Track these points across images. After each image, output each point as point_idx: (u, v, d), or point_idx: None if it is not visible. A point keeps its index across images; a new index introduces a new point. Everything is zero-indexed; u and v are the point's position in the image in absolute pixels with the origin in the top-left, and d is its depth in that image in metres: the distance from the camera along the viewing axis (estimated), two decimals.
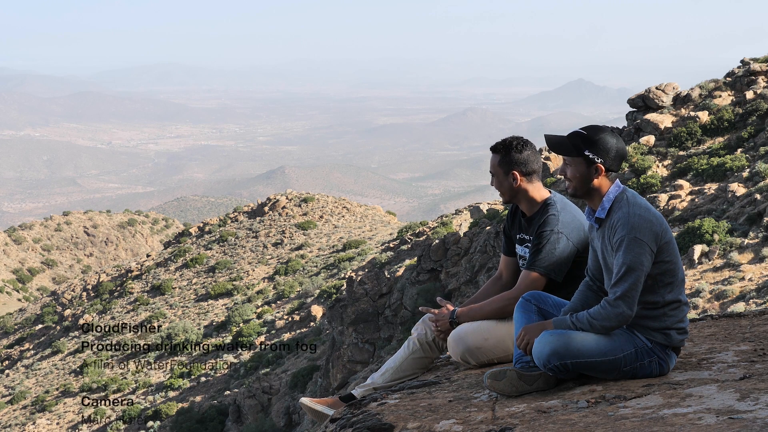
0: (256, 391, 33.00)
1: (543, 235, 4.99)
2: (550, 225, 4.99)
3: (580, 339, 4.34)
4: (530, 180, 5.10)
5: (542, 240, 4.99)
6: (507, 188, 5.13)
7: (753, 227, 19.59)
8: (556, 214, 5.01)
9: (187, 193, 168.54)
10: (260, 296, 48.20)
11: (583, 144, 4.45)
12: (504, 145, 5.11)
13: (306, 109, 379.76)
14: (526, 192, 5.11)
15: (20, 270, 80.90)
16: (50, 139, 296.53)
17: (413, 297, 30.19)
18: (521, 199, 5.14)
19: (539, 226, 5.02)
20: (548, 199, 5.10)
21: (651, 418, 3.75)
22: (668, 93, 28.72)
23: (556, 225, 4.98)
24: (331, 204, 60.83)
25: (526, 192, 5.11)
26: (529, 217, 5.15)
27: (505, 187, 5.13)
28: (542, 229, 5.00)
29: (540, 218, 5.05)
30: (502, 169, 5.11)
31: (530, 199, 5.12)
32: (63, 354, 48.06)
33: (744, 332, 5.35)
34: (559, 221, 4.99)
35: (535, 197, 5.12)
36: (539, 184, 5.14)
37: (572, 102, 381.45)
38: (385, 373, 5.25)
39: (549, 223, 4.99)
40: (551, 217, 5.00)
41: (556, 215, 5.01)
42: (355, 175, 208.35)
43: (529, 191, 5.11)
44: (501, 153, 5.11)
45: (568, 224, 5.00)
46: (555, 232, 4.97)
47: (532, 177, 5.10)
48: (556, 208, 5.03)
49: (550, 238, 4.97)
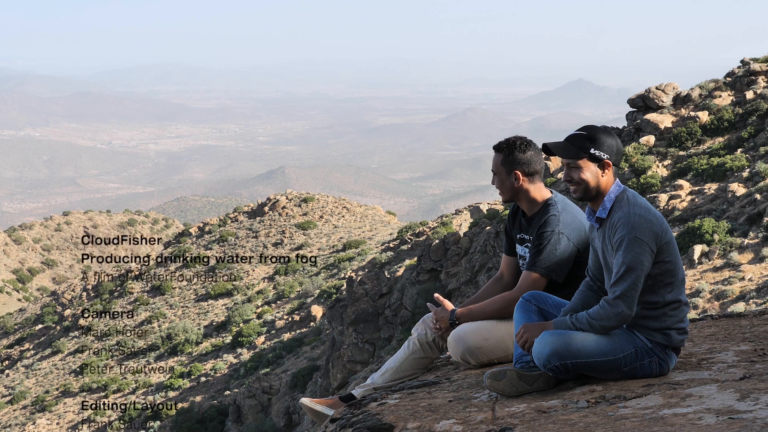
0: (256, 391, 33.00)
1: (544, 235, 4.98)
2: (551, 225, 4.98)
3: (580, 339, 4.34)
4: (532, 180, 5.09)
5: (543, 240, 4.98)
6: (508, 187, 5.12)
7: (753, 227, 19.60)
8: (557, 214, 5.00)
9: (187, 193, 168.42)
10: (260, 296, 48.22)
11: (587, 143, 4.45)
12: (507, 145, 5.10)
13: (306, 109, 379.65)
14: (528, 192, 5.10)
15: (20, 270, 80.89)
16: (50, 139, 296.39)
17: (413, 297, 30.18)
18: (522, 198, 5.13)
19: (540, 226, 5.02)
20: (549, 200, 5.09)
21: (651, 418, 3.75)
22: (668, 93, 28.72)
23: (557, 225, 4.98)
24: (331, 204, 60.83)
25: (527, 192, 5.10)
26: (530, 217, 5.14)
27: (507, 187, 5.12)
28: (543, 229, 4.99)
29: (541, 219, 5.04)
30: (505, 168, 5.10)
31: (531, 199, 5.11)
32: (63, 354, 48.07)
33: (744, 332, 5.35)
34: (560, 222, 4.98)
35: (536, 197, 5.11)
36: (541, 184, 5.13)
37: (572, 102, 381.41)
38: (385, 373, 5.25)
39: (550, 224, 4.99)
40: (552, 217, 5.00)
41: (557, 215, 5.00)
42: (355, 175, 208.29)
43: (530, 191, 5.10)
44: (504, 152, 5.10)
45: (569, 224, 4.99)
46: (556, 232, 4.96)
47: (534, 177, 5.09)
48: (557, 209, 5.02)
49: (551, 239, 4.96)
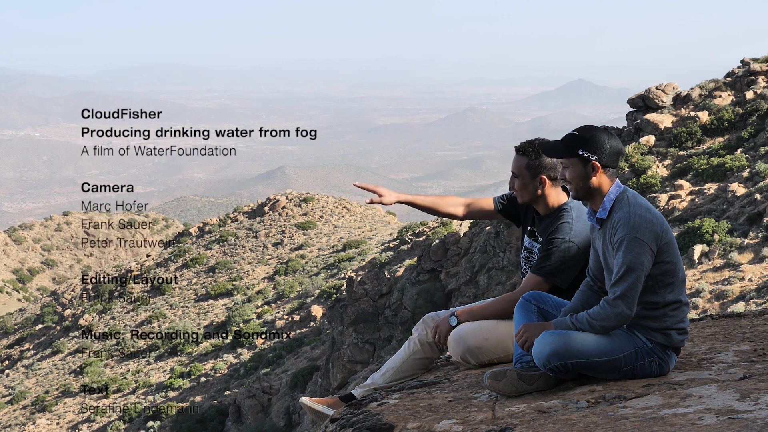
0: (256, 391, 32.99)
1: (554, 242, 4.96)
2: (562, 233, 4.96)
3: (581, 339, 4.34)
4: (555, 185, 5.06)
5: (553, 247, 4.96)
6: (531, 191, 5.06)
7: (753, 227, 19.60)
8: (570, 222, 4.98)
9: (187, 193, 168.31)
10: (260, 296, 48.22)
11: (576, 144, 4.45)
12: (534, 148, 5.01)
13: (306, 109, 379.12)
14: (548, 197, 5.06)
15: (20, 270, 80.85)
16: (50, 139, 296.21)
17: (413, 297, 30.18)
18: (540, 202, 5.09)
19: (551, 231, 5.00)
20: (564, 205, 5.06)
21: (651, 418, 3.75)
22: (668, 93, 28.72)
23: (569, 234, 4.95)
24: (331, 204, 60.81)
25: (547, 197, 5.06)
26: (542, 216, 5.13)
27: (530, 190, 5.05)
28: (554, 236, 4.97)
29: (553, 224, 5.02)
30: (529, 172, 5.03)
31: (549, 204, 5.08)
32: (63, 354, 48.08)
33: (744, 332, 5.35)
34: (572, 230, 4.96)
35: (554, 203, 5.08)
36: (560, 189, 5.11)
37: (572, 102, 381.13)
38: (386, 374, 5.25)
39: (562, 231, 4.96)
40: (565, 225, 4.97)
41: (570, 223, 4.97)
42: (355, 175, 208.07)
43: (550, 196, 5.07)
44: (531, 156, 5.02)
45: (580, 234, 4.96)
46: (567, 240, 4.95)
47: (556, 182, 5.06)
48: (570, 216, 5.00)
49: (561, 246, 4.94)
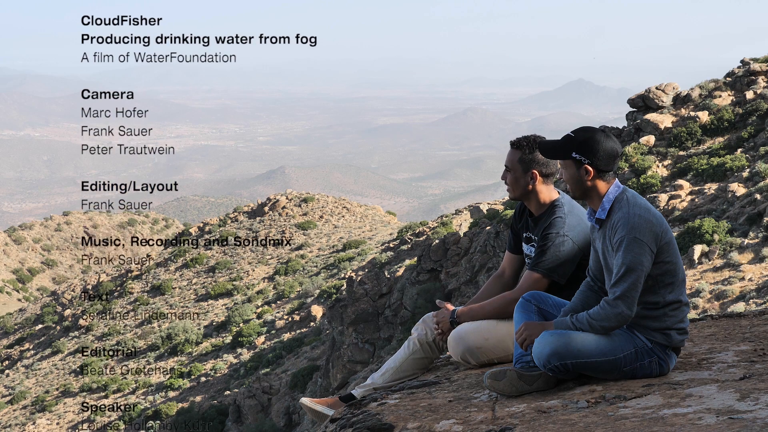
0: (256, 391, 32.99)
1: (549, 237, 4.98)
2: (556, 227, 4.98)
3: (581, 339, 4.34)
4: (546, 181, 5.08)
5: (547, 242, 4.98)
6: (522, 186, 5.08)
7: (753, 227, 19.60)
8: (563, 216, 5.00)
9: (187, 193, 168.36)
10: (260, 296, 48.21)
11: (571, 146, 4.46)
12: (528, 143, 5.04)
13: (306, 109, 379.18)
14: (539, 193, 5.08)
15: (20, 270, 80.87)
16: (50, 139, 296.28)
17: (413, 297, 30.18)
18: (532, 199, 5.11)
19: (545, 227, 5.02)
20: (556, 201, 5.08)
21: (651, 418, 3.75)
22: (668, 93, 28.72)
23: (563, 228, 4.98)
24: (331, 204, 60.82)
25: (538, 193, 5.08)
26: (536, 217, 5.14)
27: (521, 185, 5.07)
28: (548, 231, 5.00)
29: (547, 220, 5.04)
30: (521, 166, 5.05)
31: (540, 200, 5.10)
32: (63, 354, 48.07)
33: (744, 332, 5.35)
34: (566, 224, 4.98)
35: (545, 199, 5.09)
36: (552, 186, 5.13)
37: (572, 102, 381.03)
38: (386, 374, 5.25)
39: (555, 226, 4.98)
40: (558, 219, 5.00)
41: (563, 218, 5.00)
42: (355, 175, 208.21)
43: (541, 192, 5.08)
44: (524, 150, 5.05)
45: (574, 227, 4.99)
46: (561, 234, 4.97)
47: (548, 179, 5.08)
48: (563, 211, 5.02)
49: (555, 241, 4.96)
